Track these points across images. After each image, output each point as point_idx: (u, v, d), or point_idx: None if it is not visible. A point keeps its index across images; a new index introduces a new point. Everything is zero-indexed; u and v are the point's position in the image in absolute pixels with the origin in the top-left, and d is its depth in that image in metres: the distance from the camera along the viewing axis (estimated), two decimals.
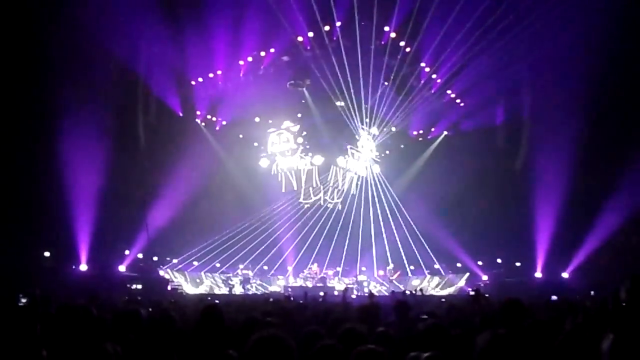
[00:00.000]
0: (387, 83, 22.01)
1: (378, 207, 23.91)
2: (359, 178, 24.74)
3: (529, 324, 4.20)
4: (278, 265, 23.29)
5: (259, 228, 22.58)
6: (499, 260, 20.85)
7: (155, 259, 20.08)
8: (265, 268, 23.14)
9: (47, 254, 17.06)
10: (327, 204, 24.29)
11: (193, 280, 21.19)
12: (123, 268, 18.48)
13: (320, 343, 3.13)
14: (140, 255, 19.16)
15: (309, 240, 22.94)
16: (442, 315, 6.11)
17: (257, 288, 22.10)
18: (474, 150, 21.75)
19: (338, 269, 22.97)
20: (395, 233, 22.59)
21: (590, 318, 4.11)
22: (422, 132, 25.23)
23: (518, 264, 20.13)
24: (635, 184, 15.78)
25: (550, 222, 18.27)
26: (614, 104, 16.91)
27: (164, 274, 20.07)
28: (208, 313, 4.08)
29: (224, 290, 21.04)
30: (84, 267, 17.27)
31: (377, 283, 22.53)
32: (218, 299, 13.79)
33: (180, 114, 22.25)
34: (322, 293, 12.64)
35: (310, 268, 22.27)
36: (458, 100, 22.79)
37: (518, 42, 17.82)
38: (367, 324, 4.18)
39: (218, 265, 22.07)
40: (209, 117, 23.81)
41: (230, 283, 21.69)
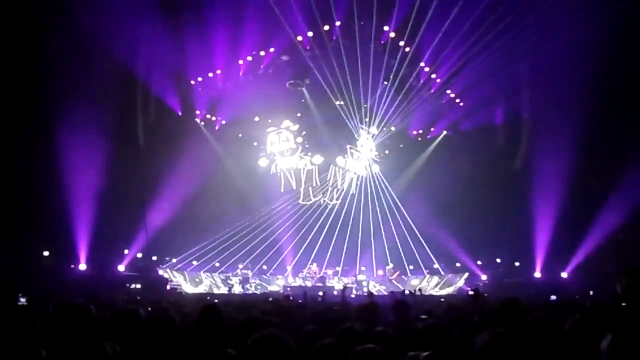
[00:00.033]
0: (386, 83, 22.00)
1: (377, 206, 23.93)
2: (359, 178, 24.73)
3: (528, 324, 4.21)
4: (277, 265, 23.30)
5: (258, 228, 22.56)
6: (498, 260, 20.89)
7: (155, 259, 20.09)
8: (265, 268, 23.15)
9: (46, 254, 17.09)
10: (325, 204, 24.28)
11: (192, 280, 21.18)
12: (122, 267, 18.51)
13: (319, 342, 3.13)
14: (140, 255, 19.18)
15: (308, 240, 22.95)
16: (440, 315, 6.12)
17: (256, 288, 22.09)
18: (474, 150, 21.75)
19: (337, 269, 22.95)
20: (395, 233, 22.59)
21: (588, 317, 4.11)
22: (421, 131, 25.24)
23: (517, 264, 20.18)
24: (634, 184, 15.79)
25: (550, 222, 18.30)
26: (613, 104, 16.91)
27: (163, 274, 20.08)
28: (207, 312, 4.08)
29: (223, 290, 21.05)
30: (83, 266, 17.29)
31: (376, 283, 22.53)
32: (217, 299, 13.80)
33: (180, 114, 22.26)
34: (321, 293, 12.62)
35: (310, 268, 22.25)
36: (457, 100, 22.80)
37: (518, 41, 17.84)
38: (366, 323, 4.17)
39: (217, 265, 22.07)
40: (209, 116, 23.80)
41: (230, 283, 21.69)
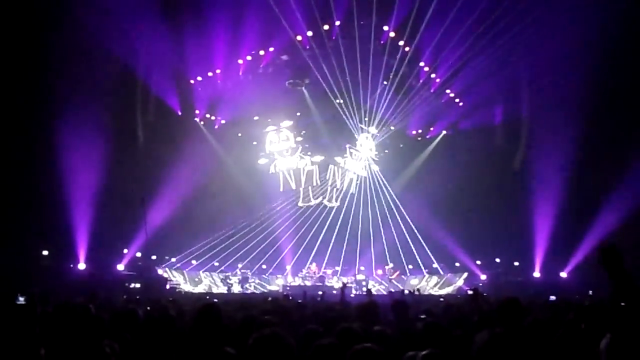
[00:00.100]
0: (386, 82, 22.00)
1: (377, 206, 23.93)
2: (358, 177, 24.72)
3: (528, 323, 4.21)
4: (276, 265, 23.30)
5: (258, 227, 22.57)
6: (498, 260, 20.90)
7: (154, 258, 20.06)
8: (264, 267, 23.15)
9: (45, 253, 17.07)
10: (324, 204, 24.27)
11: (191, 279, 21.18)
12: (121, 267, 18.52)
13: (318, 342, 3.12)
14: (139, 254, 19.16)
15: (308, 240, 22.95)
16: (439, 314, 6.12)
17: (255, 287, 22.10)
18: (473, 150, 21.76)
19: (337, 268, 22.92)
20: (394, 232, 22.59)
21: (584, 316, 4.11)
22: (420, 131, 25.24)
23: (516, 264, 20.19)
24: (634, 184, 15.80)
25: (549, 221, 18.31)
26: (612, 104, 16.92)
27: (163, 273, 20.08)
28: (205, 311, 4.08)
29: (223, 290, 21.05)
30: (83, 266, 17.29)
31: (375, 282, 22.53)
32: (216, 298, 13.80)
33: (179, 113, 22.23)
34: (320, 292, 12.63)
35: (309, 267, 22.25)
36: (457, 100, 22.79)
37: (517, 41, 17.85)
38: (365, 323, 4.17)
39: (216, 264, 22.07)
40: (208, 116, 23.78)
41: (229, 282, 21.69)
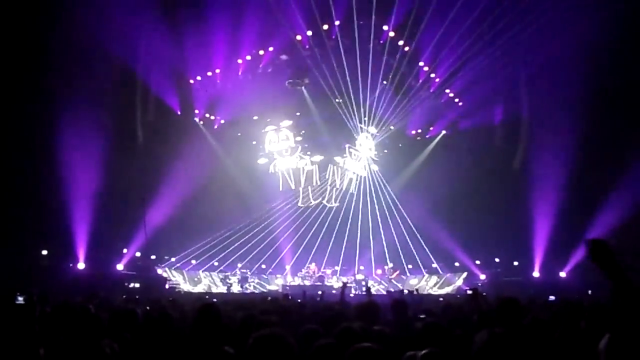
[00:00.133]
0: (385, 82, 21.99)
1: (376, 206, 23.93)
2: (358, 177, 24.71)
3: (527, 323, 4.21)
4: (276, 264, 23.29)
5: (257, 227, 22.56)
6: (497, 260, 20.91)
7: (153, 258, 20.06)
8: (264, 267, 23.14)
9: (44, 253, 17.05)
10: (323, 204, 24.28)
11: (191, 279, 21.17)
12: (121, 267, 18.50)
13: (318, 342, 3.12)
14: (138, 254, 19.16)
15: (307, 239, 22.95)
16: (438, 314, 6.12)
17: (255, 287, 22.09)
18: (472, 150, 21.77)
19: (336, 268, 22.91)
20: (393, 232, 22.60)
21: (583, 315, 4.11)
22: (420, 131, 25.23)
23: (516, 263, 20.19)
24: (634, 184, 15.80)
25: (548, 221, 18.31)
26: (612, 104, 16.91)
27: (162, 273, 20.07)
28: (205, 311, 4.07)
29: (222, 289, 21.05)
30: (82, 265, 17.27)
31: (375, 282, 22.53)
32: (216, 298, 13.80)
33: (179, 113, 22.21)
34: (320, 292, 12.63)
35: (309, 267, 22.26)
36: (456, 100, 22.78)
37: (516, 41, 17.84)
38: (365, 322, 4.17)
39: (216, 264, 22.05)
40: (208, 115, 23.76)
41: (228, 282, 21.68)
